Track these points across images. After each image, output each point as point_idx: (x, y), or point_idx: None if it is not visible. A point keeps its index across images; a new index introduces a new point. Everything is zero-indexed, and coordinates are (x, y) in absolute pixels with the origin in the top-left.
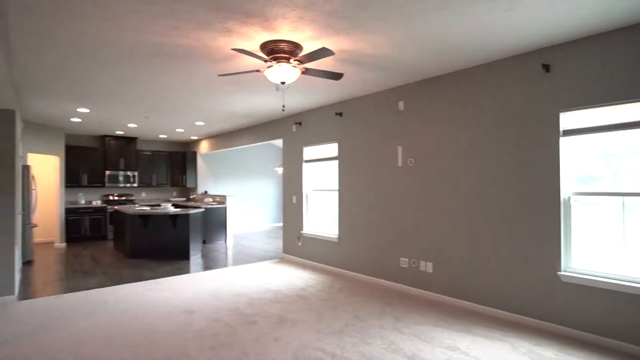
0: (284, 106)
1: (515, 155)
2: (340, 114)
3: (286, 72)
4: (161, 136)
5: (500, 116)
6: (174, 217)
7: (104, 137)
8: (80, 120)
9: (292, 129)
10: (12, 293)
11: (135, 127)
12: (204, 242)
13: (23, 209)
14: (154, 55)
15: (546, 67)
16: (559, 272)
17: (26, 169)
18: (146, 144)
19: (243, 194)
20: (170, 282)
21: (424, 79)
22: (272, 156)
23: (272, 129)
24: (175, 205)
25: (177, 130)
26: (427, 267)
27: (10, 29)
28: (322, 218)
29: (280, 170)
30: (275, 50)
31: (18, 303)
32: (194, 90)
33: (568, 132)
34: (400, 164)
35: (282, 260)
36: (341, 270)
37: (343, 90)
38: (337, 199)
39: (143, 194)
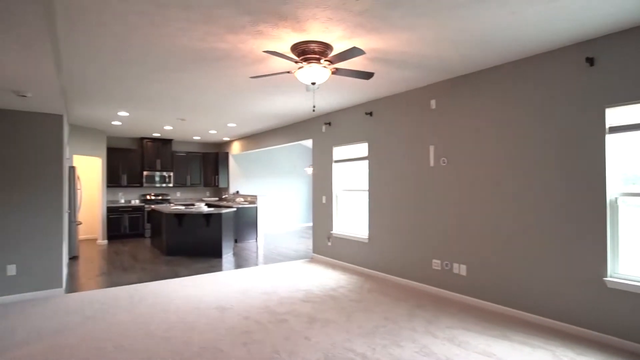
0: (314, 106)
1: (557, 154)
2: (371, 114)
3: (316, 72)
4: (195, 138)
5: (540, 113)
6: (207, 216)
7: (141, 139)
8: (120, 123)
9: (321, 129)
10: (60, 286)
11: (171, 129)
12: (236, 241)
13: (69, 208)
14: (190, 60)
15: (590, 61)
16: (605, 278)
17: (72, 170)
18: (181, 145)
19: (273, 194)
20: (204, 280)
21: (458, 76)
22: (302, 156)
23: (302, 130)
24: (209, 205)
25: (210, 131)
26: (461, 269)
27: (60, 39)
28: (352, 218)
29: (310, 170)
30: (305, 51)
31: (65, 296)
32: (227, 93)
33: (614, 129)
34: (432, 163)
35: (312, 260)
36: (371, 271)
37: (373, 90)
38: (367, 200)
39: (178, 194)
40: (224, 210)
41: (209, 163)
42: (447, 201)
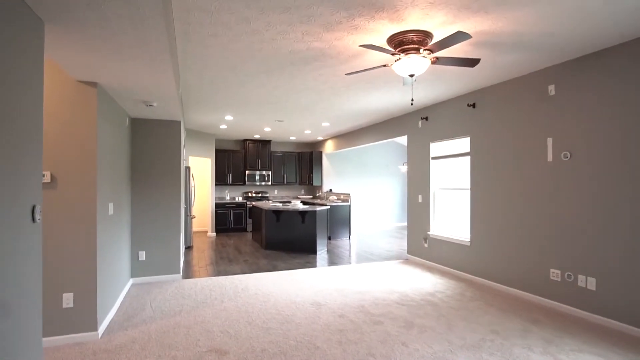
0: (412, 100)
1: None
2: (473, 105)
3: (415, 63)
4: (291, 138)
5: None
6: (302, 213)
7: (244, 140)
8: (226, 127)
9: (417, 124)
10: (178, 272)
11: (270, 131)
12: (329, 238)
13: (185, 203)
14: (288, 61)
15: None
16: None
17: (188, 169)
18: (278, 145)
19: (365, 192)
20: (300, 275)
21: (583, 55)
22: (395, 154)
23: (396, 126)
24: (303, 202)
25: (305, 131)
26: (588, 282)
27: (178, 55)
28: (450, 219)
29: (404, 168)
30: (403, 42)
31: (182, 281)
32: (322, 92)
33: None
34: (550, 158)
35: (407, 262)
36: (473, 277)
37: (477, 78)
38: (470, 199)
39: (275, 191)
40: (319, 208)
41: (304, 162)
42: (571, 201)
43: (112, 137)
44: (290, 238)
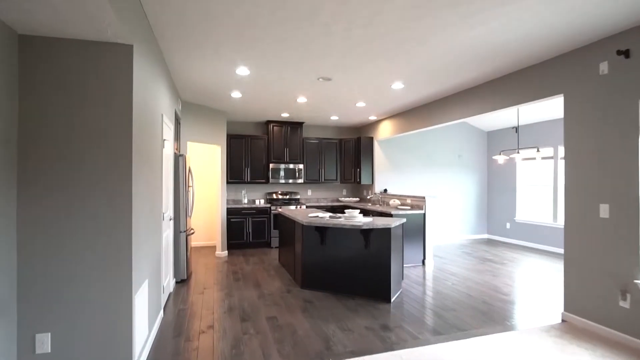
0: None
1: None
2: None
3: None
4: (332, 118)
5: None
6: (366, 232)
7: (267, 122)
8: (240, 95)
9: (597, 70)
10: None
11: (305, 104)
12: None
13: (175, 212)
14: None
15: None
16: None
17: (181, 160)
18: (313, 130)
19: (428, 193)
20: None
21: None
22: (466, 140)
23: (537, 80)
24: (361, 211)
25: (358, 104)
26: None
27: None
28: None
29: (500, 159)
30: None
31: None
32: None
33: None
34: None
35: (568, 328)
36: None
37: None
38: None
39: (309, 192)
40: (394, 224)
41: (347, 152)
42: None
43: None
44: (345, 272)
